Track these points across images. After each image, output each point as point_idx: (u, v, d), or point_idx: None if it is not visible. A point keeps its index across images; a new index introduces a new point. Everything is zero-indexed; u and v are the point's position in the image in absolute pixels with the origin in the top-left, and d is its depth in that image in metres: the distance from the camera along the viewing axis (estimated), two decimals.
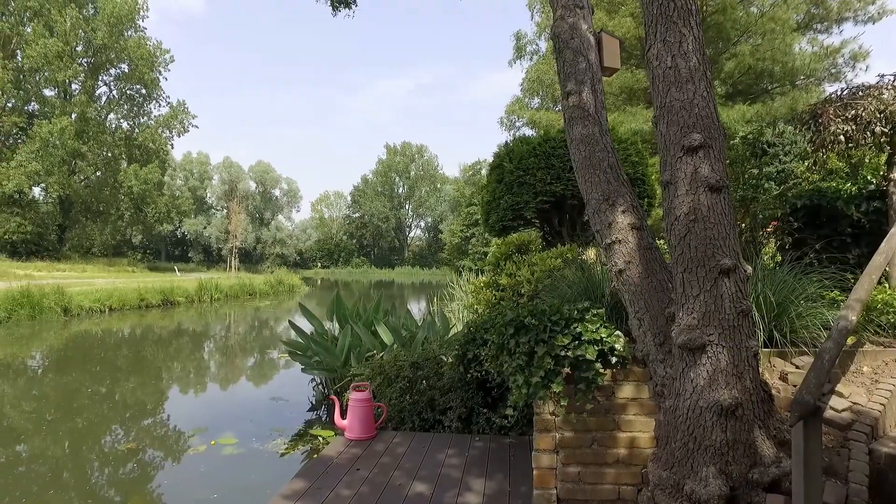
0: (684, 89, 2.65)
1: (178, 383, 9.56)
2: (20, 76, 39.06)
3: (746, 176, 7.18)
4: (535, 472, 3.06)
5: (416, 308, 21.34)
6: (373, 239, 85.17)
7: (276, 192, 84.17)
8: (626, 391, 3.04)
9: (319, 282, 50.23)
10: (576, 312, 3.30)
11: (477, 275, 14.52)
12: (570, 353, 3.12)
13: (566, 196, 8.33)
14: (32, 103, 41.87)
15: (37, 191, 41.91)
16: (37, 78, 40.52)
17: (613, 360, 3.10)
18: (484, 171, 64.50)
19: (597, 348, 3.12)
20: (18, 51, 38.73)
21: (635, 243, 3.13)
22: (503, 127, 31.17)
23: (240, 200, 62.71)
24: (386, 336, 6.83)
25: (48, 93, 42.47)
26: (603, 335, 3.14)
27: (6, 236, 36.62)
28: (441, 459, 4.16)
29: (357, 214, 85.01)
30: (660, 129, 2.76)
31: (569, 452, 3.01)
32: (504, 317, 3.54)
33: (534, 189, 8.40)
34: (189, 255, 74.25)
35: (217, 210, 77.13)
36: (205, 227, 73.67)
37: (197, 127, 52.54)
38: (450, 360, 5.82)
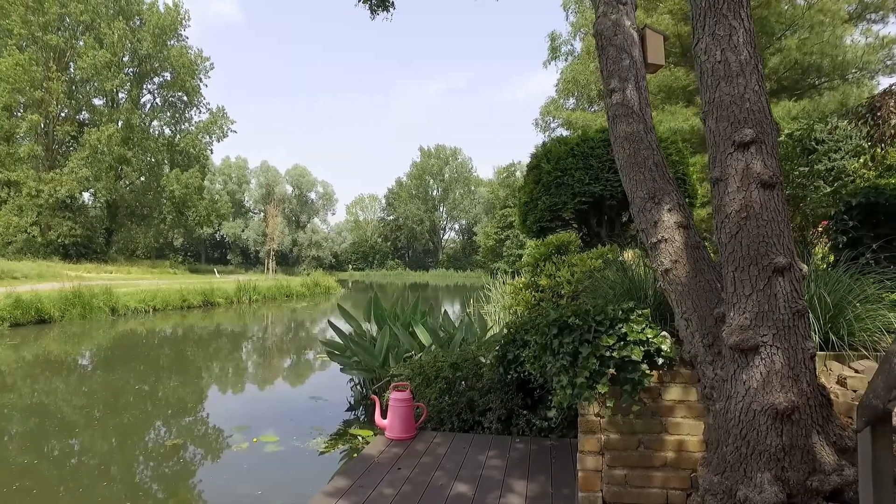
0: (734, 83, 2.58)
1: (219, 382, 9.79)
2: (72, 87, 40.73)
3: (796, 174, 6.95)
4: (579, 475, 3.02)
5: (451, 310, 21.35)
6: (407, 241, 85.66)
7: (312, 196, 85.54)
8: (673, 393, 2.98)
9: (351, 284, 50.77)
10: (620, 313, 3.25)
11: (513, 276, 14.43)
12: (615, 354, 3.07)
13: (605, 196, 8.23)
14: (83, 112, 43.62)
15: (86, 196, 43.66)
16: (87, 88, 42.24)
17: (660, 361, 3.03)
18: (519, 174, 64.30)
19: (643, 349, 3.06)
20: (71, 63, 40.42)
21: (682, 242, 3.06)
22: (538, 128, 31.02)
23: (277, 204, 63.90)
24: (424, 337, 6.85)
25: (97, 102, 44.25)
26: (649, 336, 3.08)
27: (59, 239, 38.18)
28: (482, 460, 4.14)
29: (391, 217, 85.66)
30: (708, 126, 2.69)
31: (615, 455, 2.96)
32: (547, 317, 3.50)
33: (572, 190, 8.32)
34: (227, 257, 76.03)
35: (254, 213, 78.79)
36: (243, 230, 75.32)
37: (235, 132, 53.92)
38: (489, 361, 5.81)
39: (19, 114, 37.83)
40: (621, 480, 2.93)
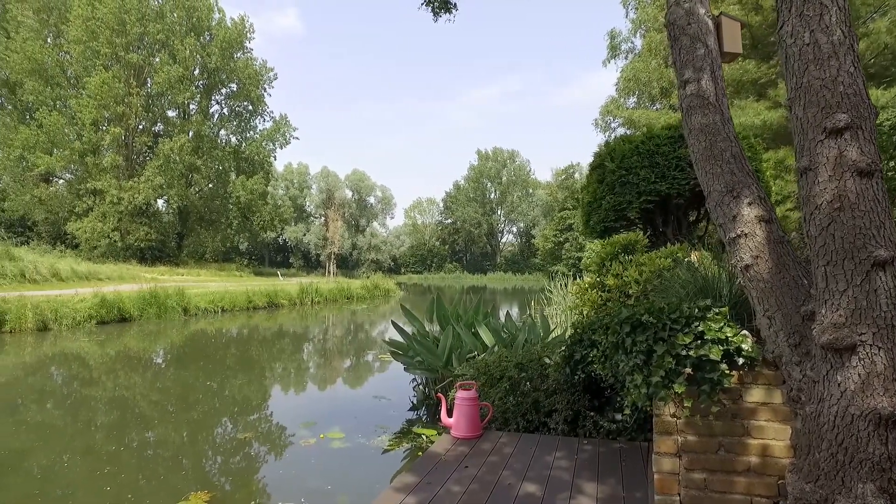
0: (826, 66, 2.43)
1: (284, 380, 10.09)
2: (149, 101, 43.21)
3: (891, 164, 6.50)
4: (655, 477, 2.92)
5: (510, 313, 21.17)
6: (465, 244, 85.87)
7: (371, 200, 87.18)
8: (755, 395, 2.83)
9: (410, 287, 51.24)
10: (696, 311, 3.13)
11: (574, 277, 14.19)
12: (692, 353, 2.95)
13: (671, 195, 7.97)
14: (158, 124, 46.16)
15: (160, 202, 46.15)
16: (162, 101, 44.69)
17: (740, 361, 2.90)
18: (578, 175, 63.36)
19: (721, 348, 2.93)
20: (148, 79, 42.91)
21: (764, 236, 2.92)
22: (598, 128, 30.46)
23: (337, 208, 65.48)
24: (487, 337, 6.83)
25: (170, 114, 46.71)
26: (728, 334, 2.95)
27: (136, 243, 40.51)
28: (549, 461, 4.08)
29: (449, 220, 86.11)
30: (794, 113, 2.55)
31: (693, 457, 2.84)
32: (619, 315, 3.42)
33: (637, 188, 8.11)
34: (290, 260, 78.46)
35: (315, 218, 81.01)
36: (304, 234, 77.58)
37: (297, 139, 55.72)
38: (554, 361, 5.72)
39: (104, 127, 40.40)
40: (700, 484, 2.81)
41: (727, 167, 3.08)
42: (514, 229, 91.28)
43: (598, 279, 6.25)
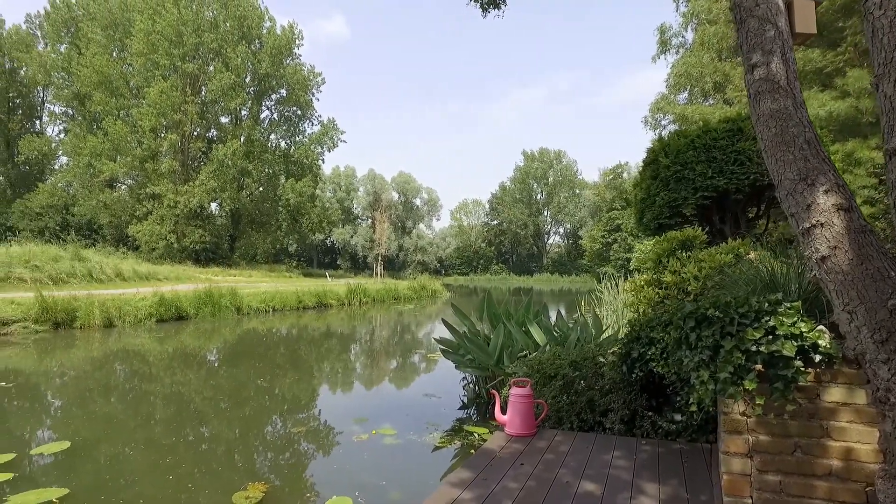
0: None
1: (334, 378, 10.23)
2: (203, 108, 44.82)
3: None
4: (724, 478, 2.79)
5: (561, 312, 20.87)
6: (511, 246, 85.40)
7: (417, 202, 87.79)
8: (835, 394, 2.67)
9: (456, 288, 51.30)
10: (766, 305, 2.98)
11: (626, 277, 13.87)
12: (762, 349, 2.81)
13: (729, 190, 7.70)
14: (212, 130, 47.82)
15: (213, 206, 47.78)
16: (215, 108, 46.27)
17: (817, 358, 2.74)
18: (625, 175, 62.04)
19: (795, 344, 2.78)
20: (203, 87, 44.53)
21: (843, 226, 2.75)
22: (648, 126, 29.75)
23: (383, 210, 66.21)
24: (538, 336, 6.73)
25: (223, 120, 48.32)
26: (803, 329, 2.80)
27: (191, 245, 42.06)
28: (607, 460, 3.97)
29: (495, 222, 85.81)
30: (883, 91, 2.39)
31: (766, 458, 2.70)
32: (682, 309, 3.29)
33: (693, 184, 7.87)
34: (338, 262, 79.80)
35: (362, 220, 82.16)
36: (351, 236, 78.78)
37: (345, 142, 56.57)
38: (608, 360, 5.59)
39: (162, 134, 42.16)
40: (775, 487, 2.67)
41: (800, 153, 2.92)
42: (561, 230, 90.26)
43: (654, 276, 6.07)
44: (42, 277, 18.69)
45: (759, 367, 2.79)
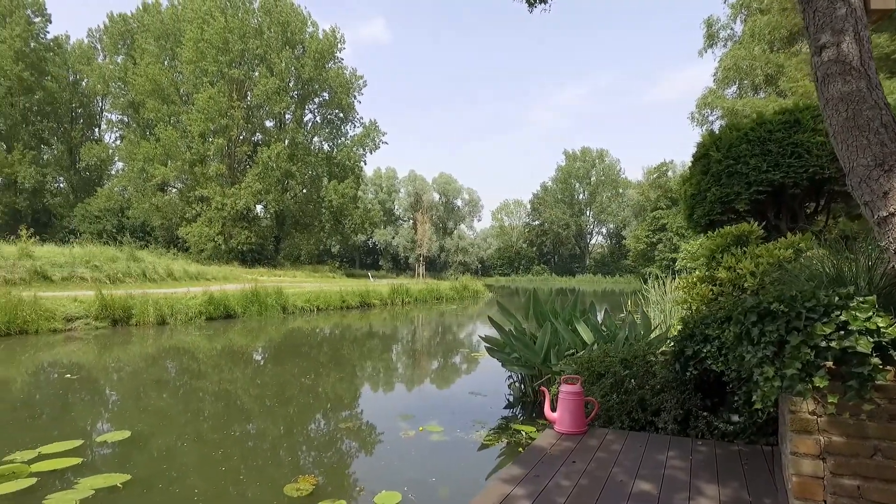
0: None
1: (381, 376, 10.30)
2: (249, 112, 46.06)
3: None
4: (793, 480, 2.65)
5: (608, 310, 20.52)
6: (553, 246, 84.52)
7: (458, 203, 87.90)
8: None
9: (498, 289, 51.09)
10: (837, 298, 2.82)
11: (673, 277, 13.52)
12: (833, 344, 2.66)
13: (786, 185, 7.40)
14: (257, 134, 49.06)
15: (259, 208, 48.97)
16: (260, 112, 47.49)
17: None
18: (671, 173, 60.57)
19: (871, 340, 2.62)
20: (248, 92, 45.77)
21: None
22: (694, 122, 28.97)
23: (425, 211, 66.53)
24: (586, 334, 6.61)
25: (268, 124, 49.51)
26: (880, 324, 2.63)
27: (238, 246, 43.25)
28: (662, 460, 3.86)
29: (537, 222, 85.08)
30: None
31: (841, 461, 2.55)
32: (743, 304, 3.16)
33: (746, 179, 7.61)
34: (379, 263, 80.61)
35: (404, 221, 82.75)
36: (393, 237, 79.44)
37: (387, 143, 57.17)
38: (658, 359, 5.44)
39: (210, 139, 43.53)
40: (853, 492, 2.52)
41: (875, 137, 2.76)
42: (604, 230, 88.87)
43: (707, 273, 5.88)
44: (101, 277, 19.53)
45: (829, 363, 2.64)
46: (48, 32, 50.92)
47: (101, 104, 56.31)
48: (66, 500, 4.04)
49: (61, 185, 54.15)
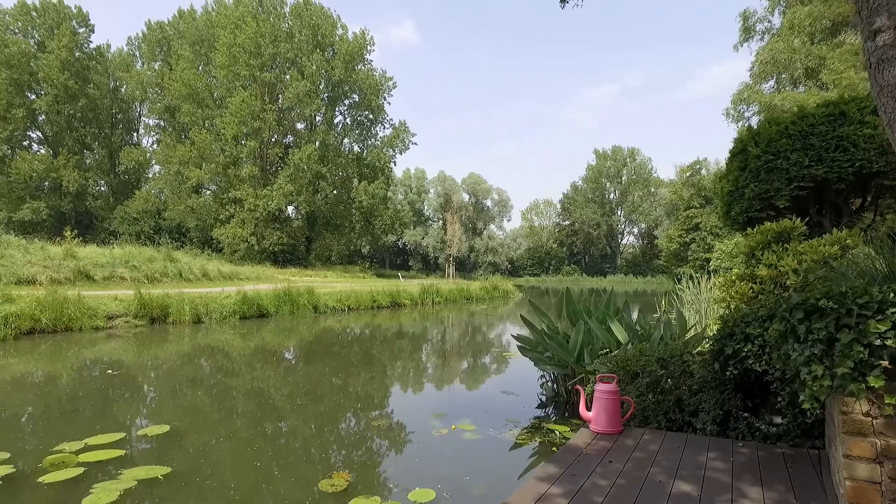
0: None
1: (412, 374, 10.33)
2: (280, 115, 46.79)
3: None
4: (847, 484, 2.55)
5: (642, 310, 20.23)
6: (583, 246, 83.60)
7: (488, 203, 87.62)
8: None
9: (524, 289, 50.77)
10: (892, 295, 2.71)
11: (710, 277, 13.22)
12: (890, 343, 2.56)
13: (830, 180, 7.15)
14: (288, 136, 49.78)
15: (290, 209, 49.69)
16: (291, 115, 48.17)
17: None
18: (704, 172, 59.24)
19: None
20: (280, 95, 46.51)
21: None
22: (729, 119, 28.25)
23: (454, 211, 66.51)
24: (620, 333, 6.50)
25: (299, 126, 50.18)
26: None
27: (270, 247, 43.97)
28: (701, 461, 3.76)
29: (567, 222, 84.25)
30: None
31: None
32: (788, 300, 3.06)
33: (787, 174, 7.38)
34: (409, 263, 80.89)
35: (433, 221, 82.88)
36: (423, 238, 79.61)
37: (416, 144, 57.27)
38: (695, 359, 5.32)
39: (242, 142, 44.38)
40: None
41: None
42: (636, 230, 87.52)
43: (746, 270, 5.72)
44: (139, 276, 20.07)
45: (885, 363, 2.53)
46: (91, 42, 52.89)
47: (139, 109, 58.02)
48: (110, 489, 4.16)
49: (102, 189, 55.96)
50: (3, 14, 49.14)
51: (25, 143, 51.19)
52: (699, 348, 6.01)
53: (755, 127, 8.33)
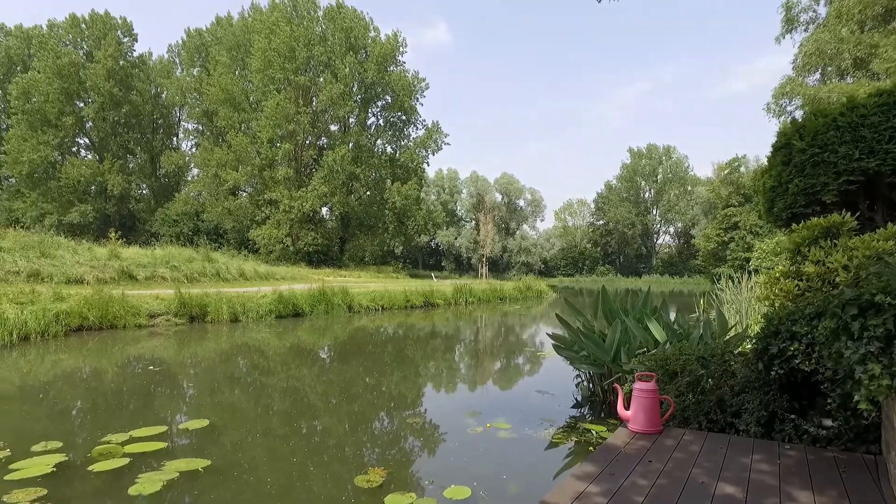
0: None
1: (447, 373, 10.31)
2: (314, 117, 47.44)
3: None
4: None
5: (676, 312, 19.79)
6: (618, 246, 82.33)
7: (521, 203, 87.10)
8: None
9: (558, 289, 50.27)
10: None
11: (750, 277, 12.84)
12: None
13: (882, 173, 6.85)
14: (322, 138, 50.43)
15: (324, 210, 50.32)
16: (325, 117, 48.77)
17: None
18: (743, 169, 57.65)
19: None
20: (314, 97, 47.16)
21: None
22: (770, 114, 27.43)
23: (487, 212, 66.34)
24: (658, 333, 6.36)
25: (333, 128, 50.77)
26: None
27: (305, 248, 44.61)
28: (746, 464, 3.64)
29: (601, 222, 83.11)
30: None
31: None
32: (840, 296, 2.93)
33: (835, 168, 7.10)
34: (442, 263, 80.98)
35: (466, 222, 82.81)
36: (455, 238, 79.60)
37: (449, 144, 57.26)
38: (737, 359, 5.17)
39: (277, 144, 45.16)
40: None
41: None
42: (671, 230, 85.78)
43: (791, 267, 5.52)
44: (179, 276, 20.60)
45: None
46: (134, 51, 54.73)
47: (178, 114, 59.67)
48: (154, 479, 4.30)
49: (144, 192, 57.75)
50: (57, 28, 51.41)
51: (74, 150, 53.23)
52: (740, 349, 5.84)
53: (800, 120, 8.06)
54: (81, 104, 50.78)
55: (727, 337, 6.52)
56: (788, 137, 7.81)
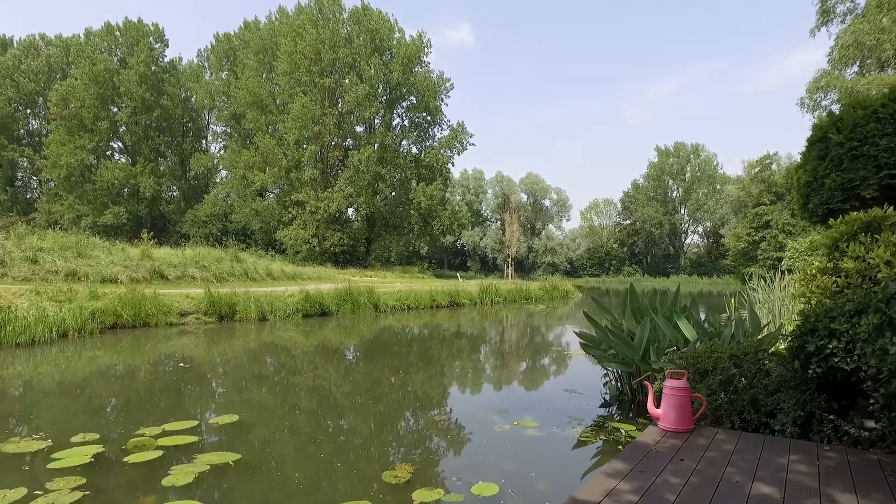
0: None
1: (474, 371, 10.28)
2: (340, 119, 47.85)
3: None
4: None
5: (706, 312, 19.42)
6: (645, 246, 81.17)
7: (546, 203, 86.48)
8: None
9: (584, 290, 49.79)
10: None
11: (783, 276, 12.52)
12: None
13: None
14: (348, 139, 50.82)
15: (350, 211, 50.68)
16: (351, 118, 49.14)
17: None
18: (775, 167, 56.32)
19: None
20: (339, 99, 47.57)
21: None
22: (804, 108, 26.70)
23: (512, 212, 66.05)
24: (688, 331, 6.24)
25: (358, 129, 51.12)
26: None
27: (331, 248, 45.01)
28: (782, 464, 3.53)
29: (628, 221, 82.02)
30: None
31: None
32: (885, 289, 2.83)
33: (875, 161, 6.87)
34: (467, 264, 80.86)
35: (491, 222, 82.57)
36: (481, 238, 79.41)
37: (474, 145, 57.11)
38: (772, 357, 5.03)
39: (304, 146, 45.68)
40: None
41: None
42: (700, 229, 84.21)
43: (829, 264, 5.36)
44: (208, 276, 20.98)
45: None
46: (165, 56, 55.95)
47: (207, 117, 60.79)
48: (186, 472, 4.38)
49: (174, 194, 58.99)
50: (93, 36, 52.97)
51: (108, 153, 54.67)
52: (773, 348, 5.69)
53: (837, 113, 7.83)
54: (115, 109, 52.14)
55: (760, 336, 6.36)
56: (825, 131, 7.58)
